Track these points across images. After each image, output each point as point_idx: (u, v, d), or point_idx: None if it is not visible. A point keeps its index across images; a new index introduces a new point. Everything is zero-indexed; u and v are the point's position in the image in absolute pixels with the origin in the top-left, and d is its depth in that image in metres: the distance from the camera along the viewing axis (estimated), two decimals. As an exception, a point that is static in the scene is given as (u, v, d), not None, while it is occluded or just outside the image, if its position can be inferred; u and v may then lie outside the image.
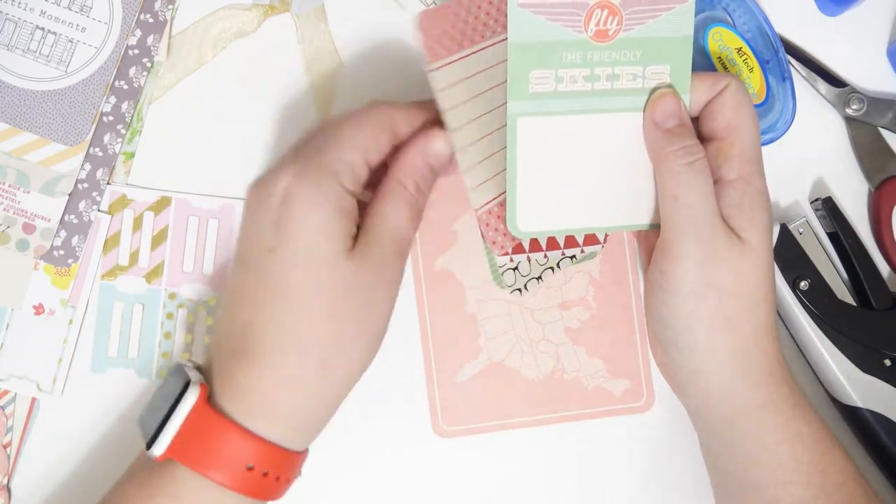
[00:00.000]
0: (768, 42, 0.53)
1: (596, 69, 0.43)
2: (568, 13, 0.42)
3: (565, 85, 0.43)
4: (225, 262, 0.52)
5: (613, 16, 0.42)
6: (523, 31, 0.42)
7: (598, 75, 0.43)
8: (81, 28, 0.51)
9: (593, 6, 0.42)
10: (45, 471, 0.51)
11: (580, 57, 0.43)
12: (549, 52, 0.42)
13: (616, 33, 0.43)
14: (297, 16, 0.53)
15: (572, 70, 0.43)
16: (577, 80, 0.43)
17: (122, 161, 0.52)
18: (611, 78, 0.43)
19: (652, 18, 0.43)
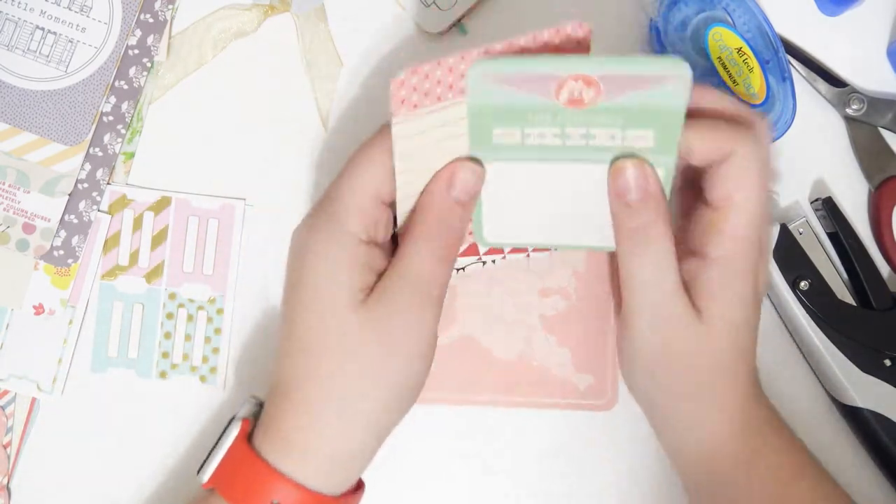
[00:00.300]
0: (768, 42, 0.53)
1: (567, 129, 0.39)
2: (537, 83, 0.38)
3: (532, 140, 0.40)
4: (225, 262, 0.52)
5: (589, 86, 0.38)
6: (483, 97, 0.39)
7: (571, 134, 0.40)
8: (81, 28, 0.51)
9: (565, 78, 0.38)
10: (45, 471, 0.51)
11: (549, 118, 0.39)
12: (513, 114, 0.39)
13: (592, 102, 0.38)
14: (297, 16, 0.53)
15: (539, 128, 0.40)
16: (545, 136, 0.40)
17: (122, 161, 0.52)
18: (586, 136, 0.40)
19: (633, 91, 0.38)
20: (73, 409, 0.52)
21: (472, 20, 0.54)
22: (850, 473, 0.53)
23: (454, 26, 0.53)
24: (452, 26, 0.53)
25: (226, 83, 0.53)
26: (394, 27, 0.53)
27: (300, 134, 0.53)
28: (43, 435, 0.51)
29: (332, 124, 0.53)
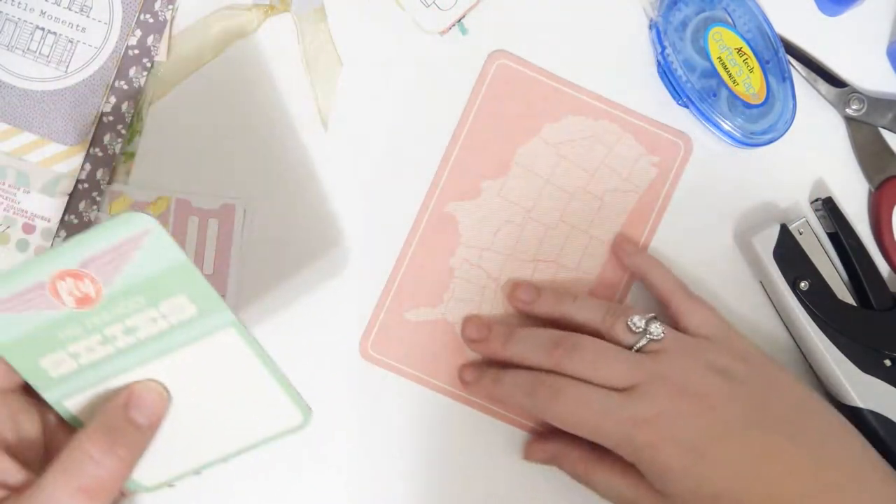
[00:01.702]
0: (768, 42, 0.53)
1: (106, 330, 0.38)
2: (32, 298, 0.37)
3: (85, 358, 0.39)
4: (225, 262, 0.52)
5: (80, 279, 0.37)
6: (2, 333, 0.38)
7: (113, 335, 0.39)
8: (81, 28, 0.51)
9: (51, 281, 0.37)
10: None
11: (79, 329, 0.38)
12: (44, 339, 0.38)
13: (99, 293, 0.37)
14: (297, 16, 0.53)
15: (82, 343, 0.39)
16: (95, 349, 0.39)
17: (122, 161, 0.52)
18: (128, 331, 0.39)
19: (125, 264, 0.37)
20: (73, 409, 0.51)
21: (472, 20, 0.54)
22: (850, 473, 0.53)
23: (454, 26, 0.53)
24: (452, 26, 0.53)
25: (226, 83, 0.53)
26: (394, 27, 0.53)
27: (300, 134, 0.53)
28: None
29: (332, 124, 0.53)
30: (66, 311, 0.38)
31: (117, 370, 0.40)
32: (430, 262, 0.53)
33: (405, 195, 0.53)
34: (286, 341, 0.52)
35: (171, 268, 0.38)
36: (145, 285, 0.38)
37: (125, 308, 0.38)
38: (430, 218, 0.53)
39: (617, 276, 0.53)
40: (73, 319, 0.38)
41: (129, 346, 0.39)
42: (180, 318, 0.39)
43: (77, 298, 0.37)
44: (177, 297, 0.38)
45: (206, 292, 0.39)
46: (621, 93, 0.54)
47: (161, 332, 0.39)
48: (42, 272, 0.37)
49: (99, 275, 0.37)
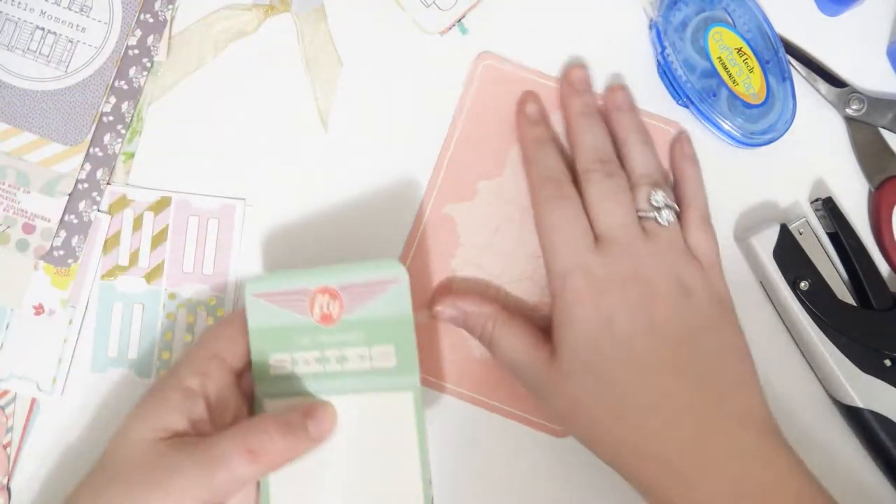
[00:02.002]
0: (768, 42, 0.53)
1: (325, 351, 0.45)
2: (294, 299, 0.45)
3: (300, 367, 0.46)
4: (225, 262, 0.52)
5: (334, 299, 0.45)
6: (259, 318, 0.46)
7: (329, 357, 0.45)
8: (81, 28, 0.51)
9: (314, 291, 0.45)
10: (45, 471, 0.51)
11: (310, 340, 0.45)
12: (282, 337, 0.46)
13: (339, 316, 0.45)
14: (297, 16, 0.53)
15: (304, 353, 0.46)
16: (310, 363, 0.46)
17: (122, 161, 0.52)
18: (340, 360, 0.45)
19: (369, 300, 0.45)
20: (73, 409, 0.52)
21: (472, 20, 0.54)
22: (850, 473, 0.53)
23: (454, 26, 0.53)
24: (452, 26, 0.53)
25: (226, 83, 0.53)
26: (394, 27, 0.53)
27: (300, 134, 0.53)
28: (43, 435, 0.51)
29: (332, 124, 0.53)
30: (310, 321, 0.45)
31: (314, 389, 0.46)
32: (431, 265, 0.53)
33: (404, 196, 0.53)
34: (286, 341, 0.52)
35: (396, 318, 0.45)
36: (371, 325, 0.45)
37: (349, 338, 0.45)
38: (428, 220, 0.53)
39: None
40: (310, 330, 0.45)
41: (334, 372, 0.46)
42: (381, 366, 0.45)
43: (323, 314, 0.45)
44: (388, 345, 0.45)
45: (410, 351, 0.45)
46: (621, 93, 0.54)
47: (361, 371, 0.45)
48: (311, 281, 0.45)
49: (347, 301, 0.45)
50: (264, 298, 0.46)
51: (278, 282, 0.46)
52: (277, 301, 0.45)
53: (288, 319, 0.45)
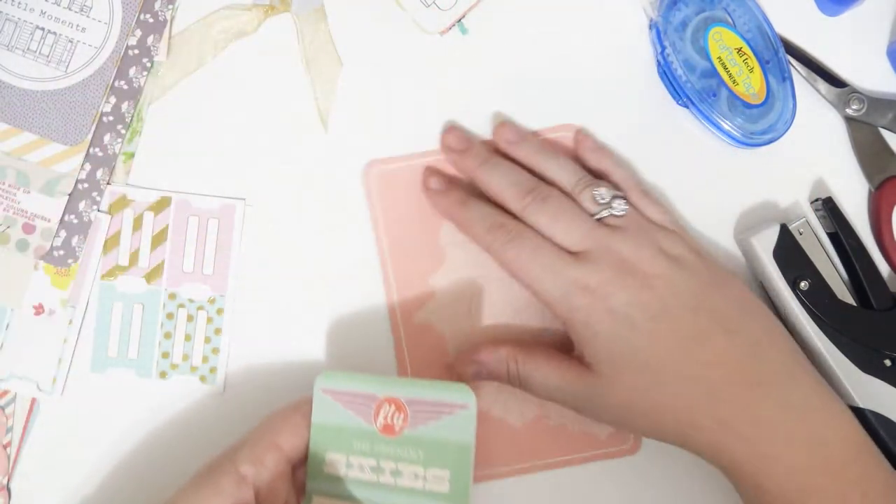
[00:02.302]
0: (768, 42, 0.53)
1: (381, 461, 0.45)
2: (360, 403, 0.45)
3: (354, 472, 0.45)
4: (225, 262, 0.52)
5: (399, 412, 0.45)
6: (323, 414, 0.45)
7: (384, 468, 0.45)
8: (81, 28, 0.51)
9: (382, 400, 0.45)
10: (45, 471, 0.51)
11: (368, 447, 0.45)
12: (342, 437, 0.45)
13: (401, 429, 0.45)
14: (297, 16, 0.53)
15: (361, 459, 0.45)
16: (365, 469, 0.45)
17: (122, 161, 0.52)
18: (394, 473, 0.45)
19: (434, 420, 0.45)
20: (73, 409, 0.51)
21: (472, 20, 0.54)
22: (850, 473, 0.53)
23: (454, 26, 0.53)
24: (452, 26, 0.53)
25: (226, 83, 0.53)
26: (394, 27, 0.53)
27: (300, 134, 0.53)
28: (43, 435, 0.51)
29: (332, 124, 0.53)
30: (371, 428, 0.45)
31: (363, 496, 0.45)
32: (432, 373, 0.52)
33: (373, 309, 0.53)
34: (286, 341, 0.52)
35: (458, 444, 0.44)
36: (431, 445, 0.45)
37: (406, 453, 0.45)
38: (406, 335, 0.52)
39: None
40: (370, 437, 0.45)
41: (386, 484, 0.45)
42: (433, 489, 0.45)
43: (386, 424, 0.45)
44: (444, 470, 0.45)
45: (465, 480, 0.44)
46: (621, 93, 0.54)
47: (412, 490, 0.45)
48: (380, 389, 0.45)
49: (412, 416, 0.45)
50: (331, 395, 0.46)
51: (348, 382, 0.46)
52: (343, 401, 0.45)
53: (351, 421, 0.45)
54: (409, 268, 0.52)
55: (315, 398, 0.46)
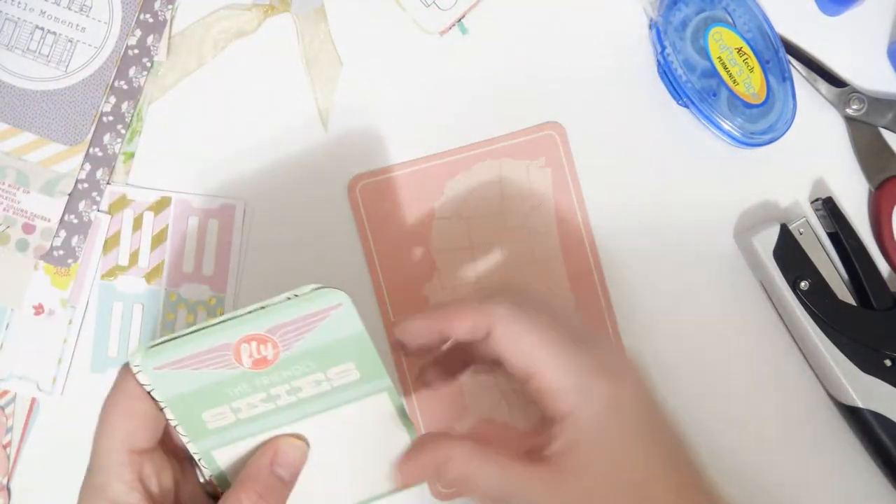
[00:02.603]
0: (768, 42, 0.53)
1: (271, 389, 0.40)
2: (212, 358, 0.39)
3: (244, 412, 0.40)
4: (225, 262, 0.52)
5: (264, 343, 0.39)
6: (171, 388, 0.39)
7: (277, 393, 0.40)
8: (81, 28, 0.51)
9: (238, 342, 0.39)
10: (45, 471, 0.51)
11: (247, 387, 0.40)
12: (210, 395, 0.40)
13: (276, 356, 0.39)
14: (297, 16, 0.53)
15: (245, 399, 0.40)
16: (256, 405, 0.40)
17: (122, 161, 0.52)
18: (292, 391, 0.40)
19: (308, 331, 0.39)
20: (73, 409, 0.51)
21: (472, 20, 0.54)
22: (850, 473, 0.53)
23: (454, 26, 0.53)
24: (452, 26, 0.53)
25: (226, 83, 0.53)
26: (394, 27, 0.53)
27: (300, 134, 0.53)
28: (43, 435, 0.51)
29: (332, 124, 0.53)
30: (241, 370, 0.39)
31: (270, 426, 0.41)
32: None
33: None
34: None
35: (349, 337, 0.40)
36: (320, 352, 0.40)
37: (295, 371, 0.40)
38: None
39: (583, 267, 0.53)
40: (245, 378, 0.40)
41: (289, 404, 0.41)
42: (343, 382, 0.41)
43: (255, 360, 0.39)
44: (346, 363, 0.40)
45: (373, 361, 0.41)
46: (621, 93, 0.54)
47: (321, 393, 0.41)
48: (231, 335, 0.38)
49: (282, 341, 0.39)
50: (170, 367, 0.38)
51: (180, 349, 0.38)
52: (189, 366, 0.39)
53: (212, 378, 0.39)
54: (402, 279, 0.52)
55: (149, 380, 0.39)
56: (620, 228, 0.53)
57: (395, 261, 0.52)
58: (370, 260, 0.52)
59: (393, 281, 0.52)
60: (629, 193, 0.54)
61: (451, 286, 0.53)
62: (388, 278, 0.52)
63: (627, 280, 0.53)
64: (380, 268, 0.52)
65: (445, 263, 0.53)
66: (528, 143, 0.53)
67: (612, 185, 0.54)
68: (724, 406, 0.53)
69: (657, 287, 0.54)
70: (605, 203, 0.53)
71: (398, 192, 0.53)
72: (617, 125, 0.54)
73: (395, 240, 0.52)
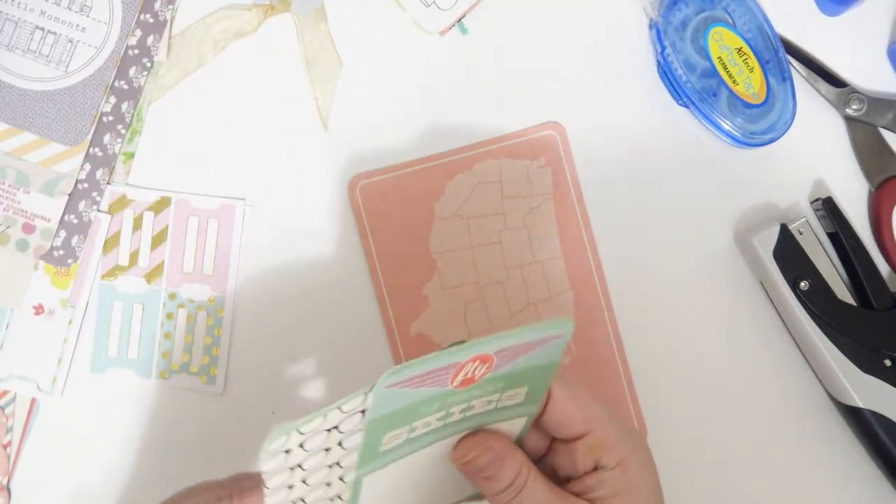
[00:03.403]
0: (768, 42, 0.53)
1: (453, 408, 0.37)
2: (437, 377, 0.35)
3: (417, 431, 0.38)
4: (225, 262, 0.52)
5: (484, 363, 0.36)
6: (382, 407, 0.35)
7: (453, 412, 0.38)
8: (81, 28, 0.51)
9: (466, 361, 0.35)
10: (45, 471, 0.51)
11: (439, 404, 0.37)
12: (407, 413, 0.36)
13: (482, 376, 0.36)
14: (297, 16, 0.53)
15: (427, 419, 0.37)
16: (431, 423, 0.38)
17: (122, 161, 0.52)
18: (466, 409, 0.38)
19: (523, 355, 0.36)
20: (73, 409, 0.51)
21: (472, 20, 0.54)
22: (850, 473, 0.53)
23: (454, 26, 0.53)
24: (452, 26, 0.53)
25: (226, 83, 0.53)
26: (394, 27, 0.53)
27: (300, 134, 0.53)
28: (43, 435, 0.51)
29: (332, 124, 0.53)
30: (447, 389, 0.36)
31: (424, 445, 0.39)
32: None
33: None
34: (286, 342, 0.52)
35: (545, 365, 0.38)
36: (516, 375, 0.37)
37: (483, 390, 0.37)
38: (403, 346, 0.52)
39: (583, 267, 0.53)
40: (443, 396, 0.36)
41: (452, 423, 0.39)
42: (507, 403, 0.39)
43: (464, 380, 0.36)
44: (521, 388, 0.38)
45: (543, 387, 0.39)
46: (621, 93, 0.54)
47: (482, 412, 0.39)
48: (464, 355, 0.35)
49: (497, 362, 0.36)
50: (398, 386, 0.35)
51: (420, 367, 0.34)
52: (414, 384, 0.35)
53: (421, 395, 0.36)
54: (402, 279, 0.52)
55: (374, 397, 0.34)
56: (620, 228, 0.54)
57: (395, 261, 0.52)
58: (370, 260, 0.52)
59: (393, 281, 0.52)
60: (629, 193, 0.54)
61: (451, 286, 0.53)
62: (388, 278, 0.52)
63: (627, 280, 0.53)
64: (380, 268, 0.52)
65: (445, 263, 0.53)
66: (528, 143, 0.53)
67: (612, 185, 0.54)
68: (723, 406, 0.53)
69: (657, 287, 0.54)
70: (605, 203, 0.54)
71: (398, 192, 0.53)
72: (617, 125, 0.54)
73: (395, 240, 0.52)
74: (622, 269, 0.53)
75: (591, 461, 0.41)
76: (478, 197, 0.53)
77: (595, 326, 0.53)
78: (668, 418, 0.53)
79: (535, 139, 0.53)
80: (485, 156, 0.53)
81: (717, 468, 0.53)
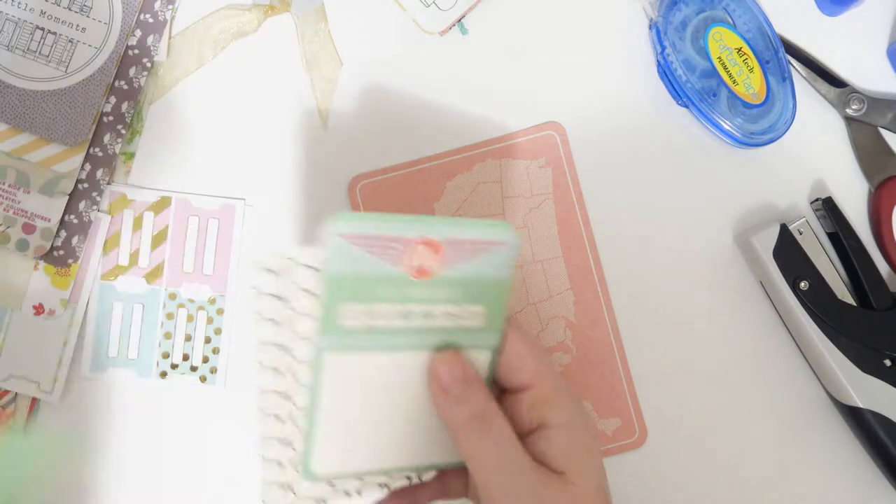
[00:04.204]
0: (768, 42, 0.53)
1: (411, 306, 0.40)
2: (387, 246, 0.38)
3: (378, 321, 0.39)
4: (225, 262, 0.52)
5: (435, 253, 0.39)
6: (340, 263, 0.38)
7: (413, 312, 0.40)
8: (81, 28, 0.51)
9: (415, 241, 0.39)
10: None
11: (396, 292, 0.39)
12: (364, 286, 0.39)
13: (436, 271, 0.39)
14: (297, 16, 0.53)
15: (386, 306, 0.39)
16: (391, 317, 0.39)
17: (122, 161, 0.52)
18: (426, 316, 0.40)
19: (472, 258, 0.40)
20: (74, 409, 0.51)
21: (472, 20, 0.54)
22: (850, 473, 0.53)
23: (454, 26, 0.53)
24: (452, 26, 0.53)
25: (226, 83, 0.53)
26: (394, 27, 0.53)
27: (300, 134, 0.53)
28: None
29: (332, 124, 0.53)
30: (400, 273, 0.39)
31: (388, 346, 0.40)
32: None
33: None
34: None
35: (495, 280, 0.41)
36: (467, 283, 0.40)
37: (440, 294, 0.40)
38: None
39: (583, 267, 0.53)
40: (397, 283, 0.39)
41: (414, 329, 0.40)
42: (465, 325, 0.41)
43: (417, 268, 0.39)
44: (479, 306, 0.41)
45: (500, 312, 0.41)
46: (621, 93, 0.54)
47: (443, 329, 0.41)
48: (412, 230, 0.39)
49: (449, 257, 0.39)
50: (351, 241, 0.38)
51: (372, 224, 0.38)
52: (366, 245, 0.38)
53: (375, 268, 0.38)
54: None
55: (330, 244, 0.38)
56: (620, 228, 0.54)
57: None
58: None
59: None
60: (629, 193, 0.54)
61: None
62: None
63: (627, 280, 0.53)
64: None
65: None
66: (528, 143, 0.53)
67: (612, 185, 0.54)
68: (723, 405, 0.53)
69: (657, 287, 0.54)
70: (605, 203, 0.54)
71: (398, 192, 0.53)
72: (617, 125, 0.54)
73: None
74: (622, 269, 0.53)
75: (536, 417, 0.41)
76: (478, 197, 0.53)
77: (595, 326, 0.53)
78: (668, 418, 0.53)
79: (535, 139, 0.53)
80: (485, 156, 0.53)
81: (717, 468, 0.53)
